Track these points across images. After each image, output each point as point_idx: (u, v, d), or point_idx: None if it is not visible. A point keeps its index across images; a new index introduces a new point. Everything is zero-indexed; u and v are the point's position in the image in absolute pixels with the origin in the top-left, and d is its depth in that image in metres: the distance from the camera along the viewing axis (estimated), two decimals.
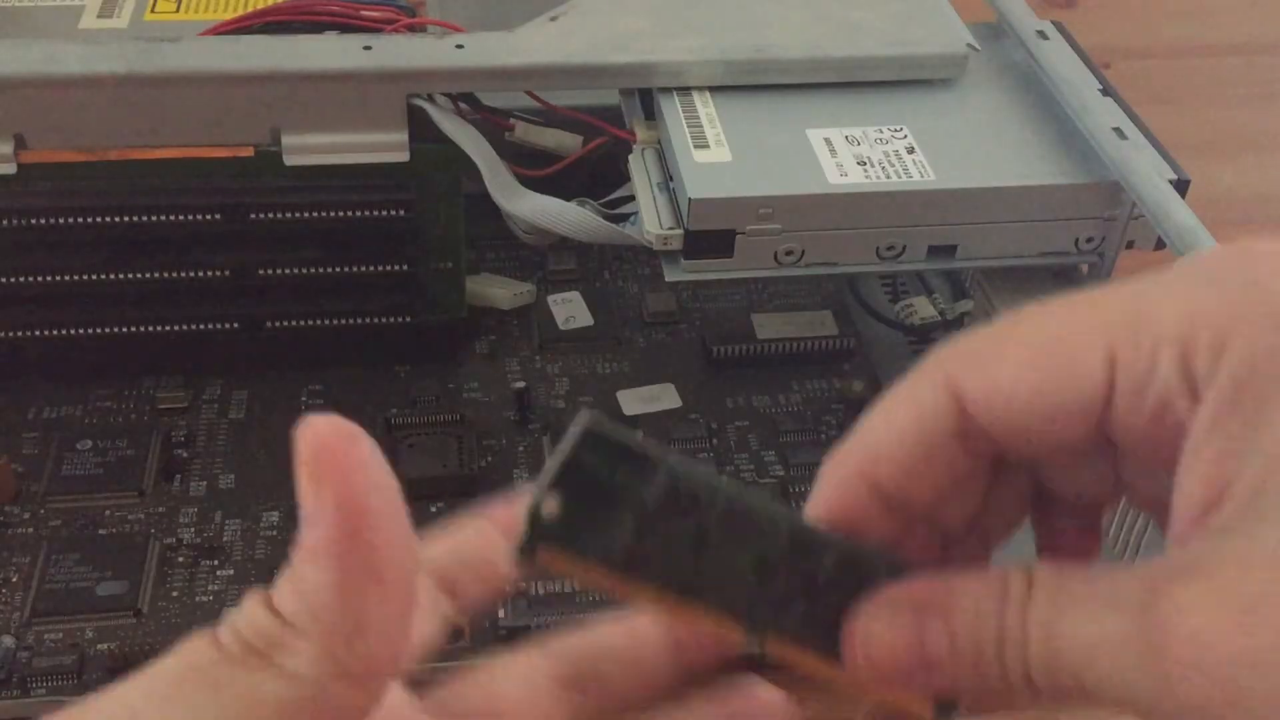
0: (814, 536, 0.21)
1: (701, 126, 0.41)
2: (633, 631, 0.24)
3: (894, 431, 0.21)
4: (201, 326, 0.44)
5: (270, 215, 0.41)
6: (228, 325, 0.44)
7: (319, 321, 0.44)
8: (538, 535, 0.20)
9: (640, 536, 0.20)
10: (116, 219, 0.41)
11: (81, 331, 0.43)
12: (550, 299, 0.50)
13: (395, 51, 0.41)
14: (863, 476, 0.21)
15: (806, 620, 0.21)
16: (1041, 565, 0.20)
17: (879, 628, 0.21)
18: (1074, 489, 0.22)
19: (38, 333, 0.43)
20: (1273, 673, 0.17)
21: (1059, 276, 0.44)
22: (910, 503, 0.21)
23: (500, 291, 0.49)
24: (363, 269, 0.43)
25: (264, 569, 0.40)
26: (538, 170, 0.43)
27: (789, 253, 0.39)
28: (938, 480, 0.21)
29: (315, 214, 0.42)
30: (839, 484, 0.22)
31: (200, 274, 0.42)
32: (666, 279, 0.40)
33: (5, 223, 0.40)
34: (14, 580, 0.39)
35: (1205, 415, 0.19)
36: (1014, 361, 0.20)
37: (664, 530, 0.21)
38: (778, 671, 0.22)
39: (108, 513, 0.41)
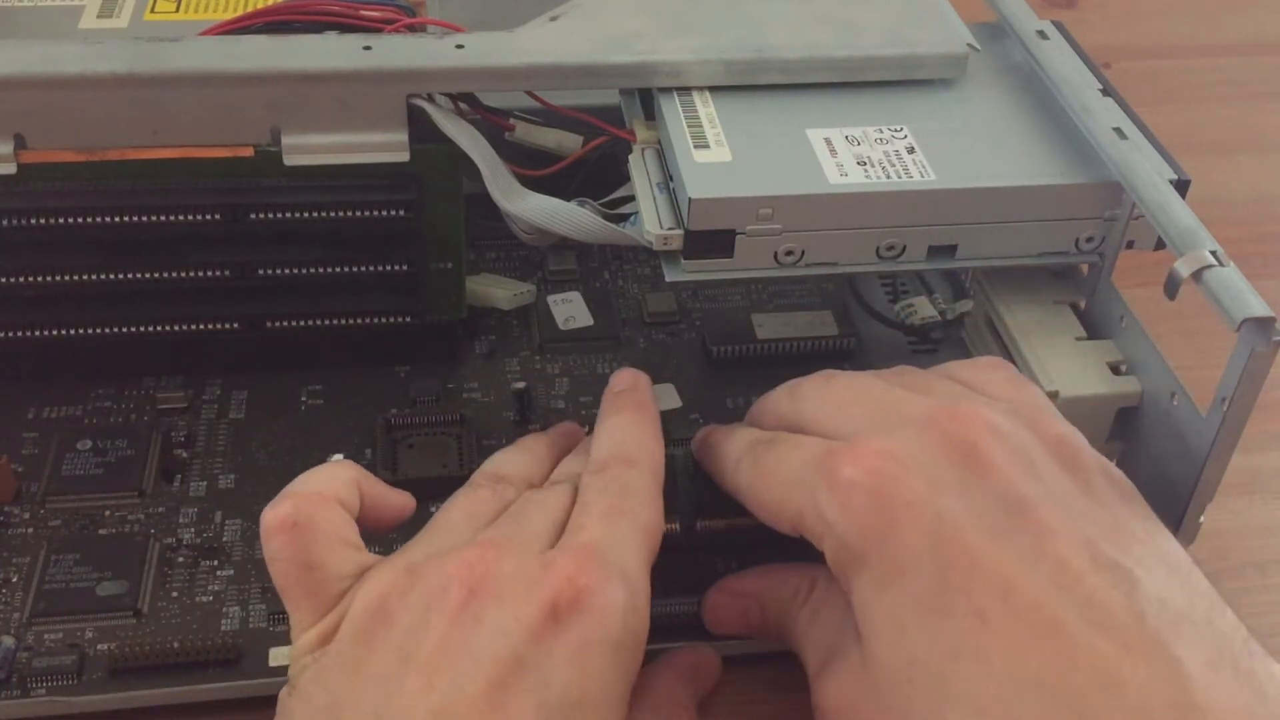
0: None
1: (701, 126, 0.41)
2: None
3: None
4: (201, 326, 0.44)
5: (270, 215, 0.41)
6: (228, 325, 0.44)
7: (319, 321, 0.44)
8: None
9: None
10: (116, 219, 0.41)
11: (81, 331, 0.43)
12: (550, 299, 0.50)
13: (395, 51, 0.41)
14: None
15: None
16: (819, 579, 0.35)
17: (721, 603, 0.38)
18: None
19: (38, 333, 0.43)
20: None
21: (1059, 276, 0.44)
22: None
23: (500, 291, 0.49)
24: (363, 269, 0.43)
25: (264, 569, 0.39)
26: (538, 170, 0.43)
27: (789, 253, 0.39)
28: None
29: (315, 214, 0.42)
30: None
31: (200, 274, 0.42)
32: (666, 279, 0.40)
33: (5, 223, 0.40)
34: (14, 580, 0.39)
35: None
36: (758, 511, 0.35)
37: None
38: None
39: (107, 513, 0.41)
